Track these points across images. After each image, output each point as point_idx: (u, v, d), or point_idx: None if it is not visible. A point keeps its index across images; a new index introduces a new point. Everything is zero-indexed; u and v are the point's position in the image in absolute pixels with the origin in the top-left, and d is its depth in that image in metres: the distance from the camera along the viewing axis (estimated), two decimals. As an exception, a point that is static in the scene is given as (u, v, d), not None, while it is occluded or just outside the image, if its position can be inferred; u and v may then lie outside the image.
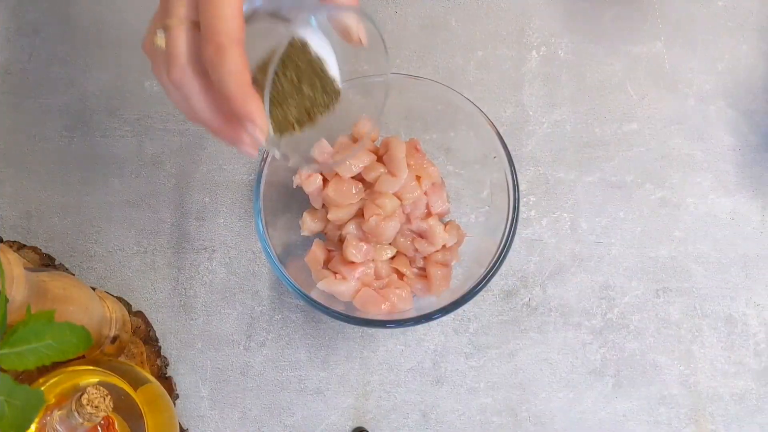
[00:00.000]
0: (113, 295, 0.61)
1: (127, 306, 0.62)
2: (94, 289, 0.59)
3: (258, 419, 0.61)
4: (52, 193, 0.66)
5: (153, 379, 0.55)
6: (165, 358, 0.62)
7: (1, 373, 0.40)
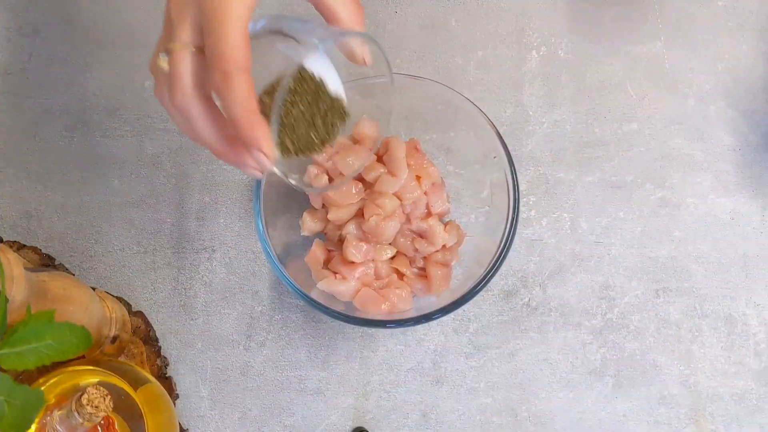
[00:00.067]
0: (113, 295, 0.61)
1: (127, 306, 0.62)
2: (94, 289, 0.59)
3: (258, 419, 0.61)
4: (52, 193, 0.66)
5: (153, 379, 0.55)
6: (165, 358, 0.62)
7: (1, 373, 0.40)
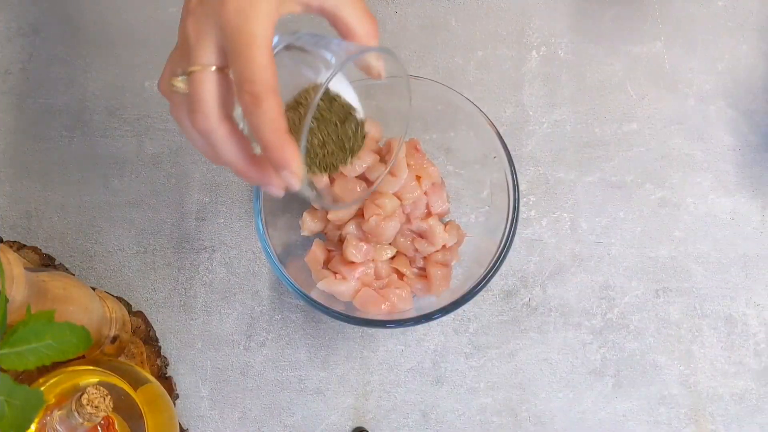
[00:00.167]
0: (113, 295, 0.61)
1: (127, 306, 0.62)
2: (94, 289, 0.59)
3: (258, 419, 0.61)
4: (52, 193, 0.66)
5: (153, 379, 0.55)
6: (165, 358, 0.62)
7: (1, 373, 0.40)
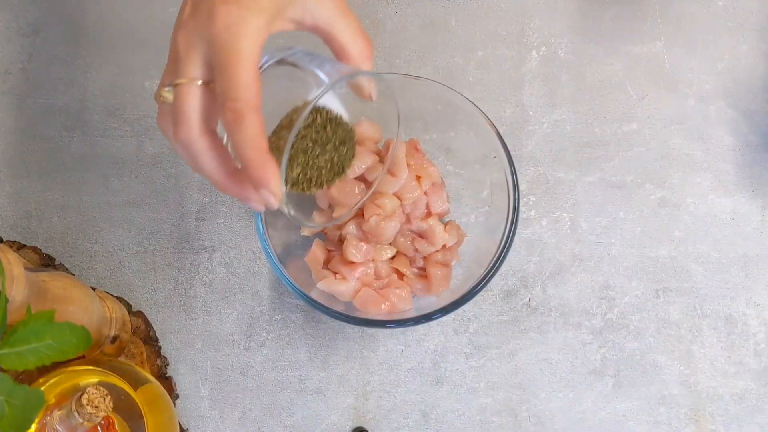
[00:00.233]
0: (113, 295, 0.61)
1: (127, 306, 0.62)
2: (94, 289, 0.59)
3: (258, 419, 0.61)
4: (52, 193, 0.66)
5: (153, 379, 0.55)
6: (165, 358, 0.62)
7: (1, 373, 0.40)
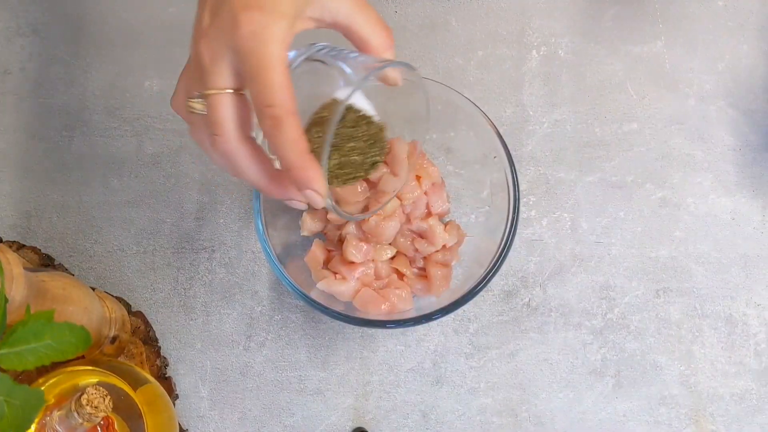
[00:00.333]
0: (113, 295, 0.61)
1: (127, 306, 0.62)
2: (93, 289, 0.59)
3: (258, 419, 0.61)
4: (52, 193, 0.65)
5: (153, 379, 0.55)
6: (165, 358, 0.62)
7: (1, 373, 0.40)
